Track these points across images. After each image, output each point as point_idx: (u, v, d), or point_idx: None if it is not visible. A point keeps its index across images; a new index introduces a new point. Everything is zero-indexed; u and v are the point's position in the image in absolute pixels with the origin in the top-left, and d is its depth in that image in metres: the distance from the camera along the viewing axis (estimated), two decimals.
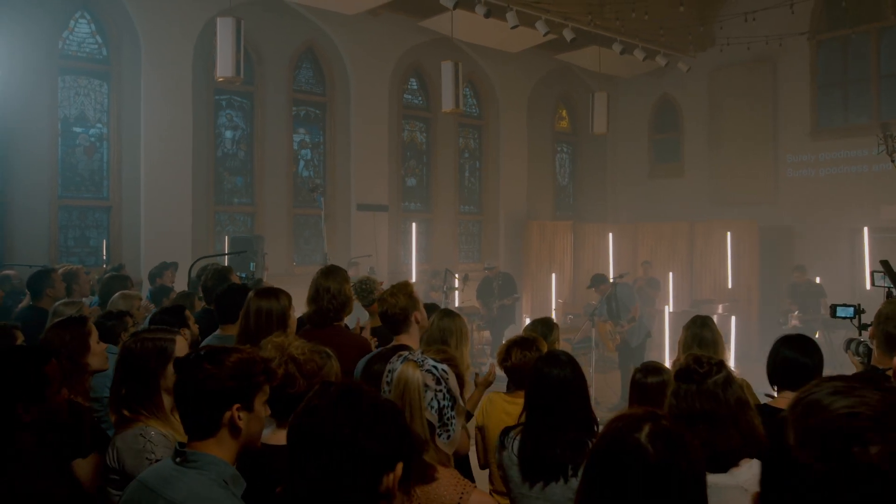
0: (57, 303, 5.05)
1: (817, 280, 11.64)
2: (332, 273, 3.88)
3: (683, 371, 2.39)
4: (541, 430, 2.75)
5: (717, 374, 2.35)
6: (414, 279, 12.26)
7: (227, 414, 1.86)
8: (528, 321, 12.35)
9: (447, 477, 2.09)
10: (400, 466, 1.51)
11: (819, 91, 13.39)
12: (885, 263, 3.61)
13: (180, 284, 8.36)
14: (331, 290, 3.77)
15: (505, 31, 11.15)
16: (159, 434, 2.41)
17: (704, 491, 1.48)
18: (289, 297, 3.40)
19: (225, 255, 8.02)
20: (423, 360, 2.10)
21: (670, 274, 13.00)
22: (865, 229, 11.97)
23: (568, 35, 11.42)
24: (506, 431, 2.94)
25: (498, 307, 11.52)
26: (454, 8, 10.09)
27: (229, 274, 4.93)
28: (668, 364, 9.68)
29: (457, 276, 11.59)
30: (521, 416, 2.92)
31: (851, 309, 3.66)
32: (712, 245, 13.33)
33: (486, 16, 10.40)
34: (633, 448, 1.44)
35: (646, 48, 12.65)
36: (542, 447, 2.72)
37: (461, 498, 2.05)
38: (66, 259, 9.47)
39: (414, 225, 12.88)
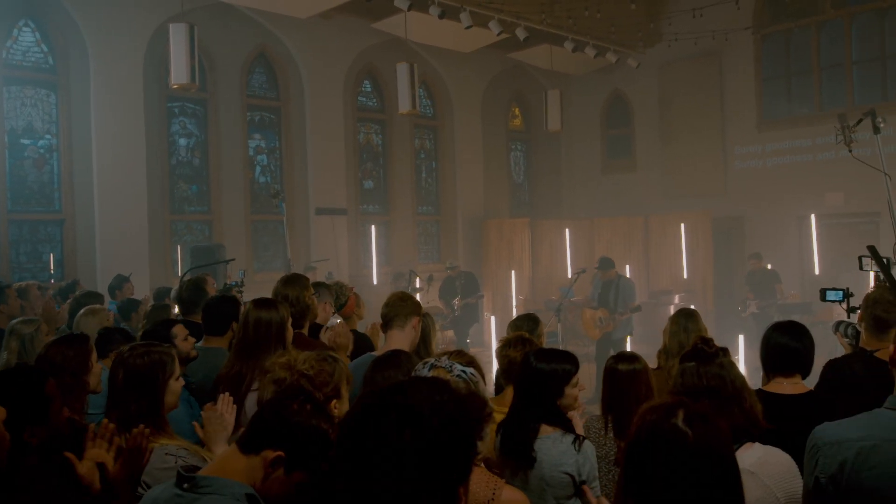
0: (13, 321, 4.91)
1: (768, 267, 11.97)
2: (291, 281, 3.93)
3: (692, 351, 2.47)
4: (521, 419, 2.88)
5: (723, 357, 2.44)
6: (375, 282, 12.25)
7: (272, 455, 1.80)
8: (493, 319, 12.51)
9: (478, 474, 2.12)
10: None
11: (763, 83, 13.77)
12: (871, 249, 3.77)
13: (139, 297, 8.20)
14: (289, 297, 3.80)
15: (457, 31, 11.19)
16: (182, 449, 2.37)
17: (738, 469, 1.54)
18: (287, 308, 3.38)
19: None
20: (451, 366, 2.12)
21: (627, 267, 13.21)
22: (812, 216, 12.36)
23: (521, 34, 11.53)
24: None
25: (462, 306, 11.56)
26: (409, 10, 10.10)
27: (205, 284, 4.85)
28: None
29: (418, 277, 11.61)
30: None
31: (840, 293, 3.80)
32: (667, 237, 13.61)
33: (441, 17, 10.42)
34: (671, 434, 1.50)
35: (597, 45, 12.83)
36: (520, 435, 2.84)
37: (494, 494, 2.08)
38: (20, 276, 9.19)
39: (373, 227, 12.86)
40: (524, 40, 11.72)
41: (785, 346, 2.98)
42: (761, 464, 2.25)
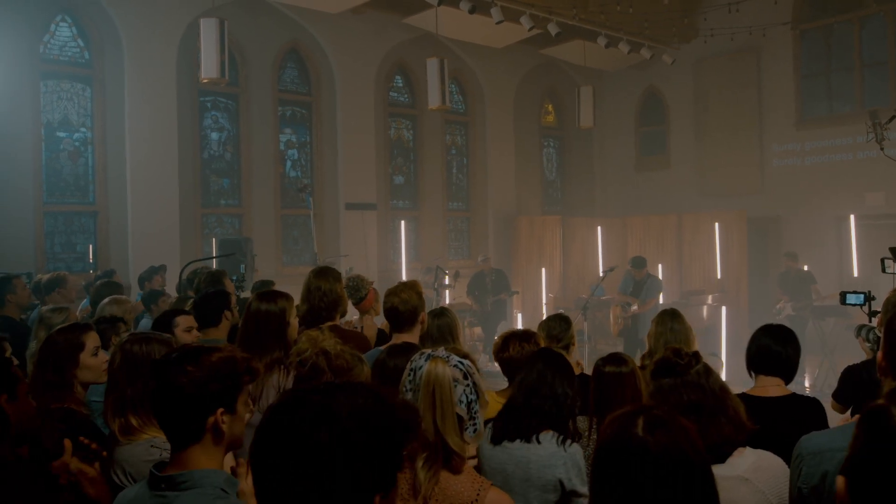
0: (44, 308, 4.99)
1: (805, 268, 11.70)
2: (323, 273, 3.95)
3: (663, 365, 2.34)
4: (519, 404, 2.84)
5: (697, 365, 2.33)
6: (404, 277, 12.24)
7: (211, 419, 1.79)
8: (519, 317, 12.45)
9: (467, 472, 2.09)
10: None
11: (803, 80, 13.45)
12: (893, 251, 3.64)
13: (170, 288, 8.30)
14: (322, 288, 3.84)
15: (489, 26, 11.13)
16: (167, 441, 2.37)
17: (709, 469, 1.48)
18: (289, 300, 3.38)
19: (215, 257, 7.95)
20: (448, 356, 2.10)
21: (659, 266, 13.02)
22: (851, 217, 12.06)
23: (553, 29, 11.42)
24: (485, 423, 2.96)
25: (493, 303, 11.51)
26: (439, 5, 10.06)
27: (223, 277, 4.89)
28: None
29: (447, 272, 11.58)
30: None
31: (862, 296, 3.69)
32: (701, 236, 13.37)
33: (471, 11, 10.37)
34: (633, 444, 1.44)
35: (630, 41, 12.66)
36: (514, 413, 2.81)
37: (478, 495, 2.04)
38: (54, 266, 9.38)
39: (402, 223, 12.87)
40: (556, 36, 11.60)
41: (767, 347, 3.05)
42: (755, 469, 2.18)
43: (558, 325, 4.00)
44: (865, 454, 1.12)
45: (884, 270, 3.86)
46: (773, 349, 3.04)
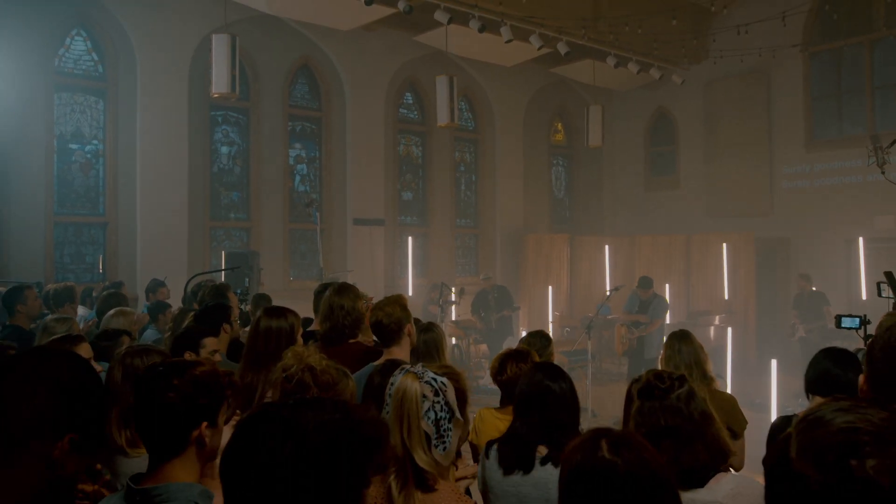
0: (48, 318, 5.02)
1: (813, 289, 11.64)
2: (343, 290, 3.93)
3: (644, 388, 2.34)
4: (525, 428, 2.78)
5: (680, 389, 2.32)
6: (411, 293, 12.26)
7: (196, 433, 1.81)
8: (524, 333, 12.43)
9: (447, 491, 2.08)
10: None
11: (812, 102, 13.45)
12: (889, 275, 3.63)
13: (175, 300, 8.34)
14: (344, 307, 3.82)
15: (499, 45, 11.20)
16: None
17: (673, 486, 1.49)
18: (296, 316, 3.40)
19: (220, 270, 7.99)
20: (422, 373, 2.11)
21: (667, 286, 12.98)
22: (860, 239, 12.00)
23: (562, 49, 11.48)
24: (490, 444, 2.95)
25: (497, 319, 11.51)
26: (449, 23, 10.14)
27: (227, 291, 4.92)
28: None
29: (453, 289, 11.59)
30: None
31: (857, 319, 3.67)
32: (709, 257, 13.34)
33: (481, 30, 10.45)
34: (600, 466, 1.46)
35: (640, 61, 12.71)
36: (522, 439, 2.76)
37: None
38: (63, 276, 9.45)
39: (410, 239, 12.90)
40: (565, 55, 11.67)
41: (826, 370, 3.05)
42: (733, 495, 2.16)
43: (538, 341, 4.02)
44: (775, 489, 1.11)
45: (879, 294, 3.85)
46: (832, 372, 3.03)
